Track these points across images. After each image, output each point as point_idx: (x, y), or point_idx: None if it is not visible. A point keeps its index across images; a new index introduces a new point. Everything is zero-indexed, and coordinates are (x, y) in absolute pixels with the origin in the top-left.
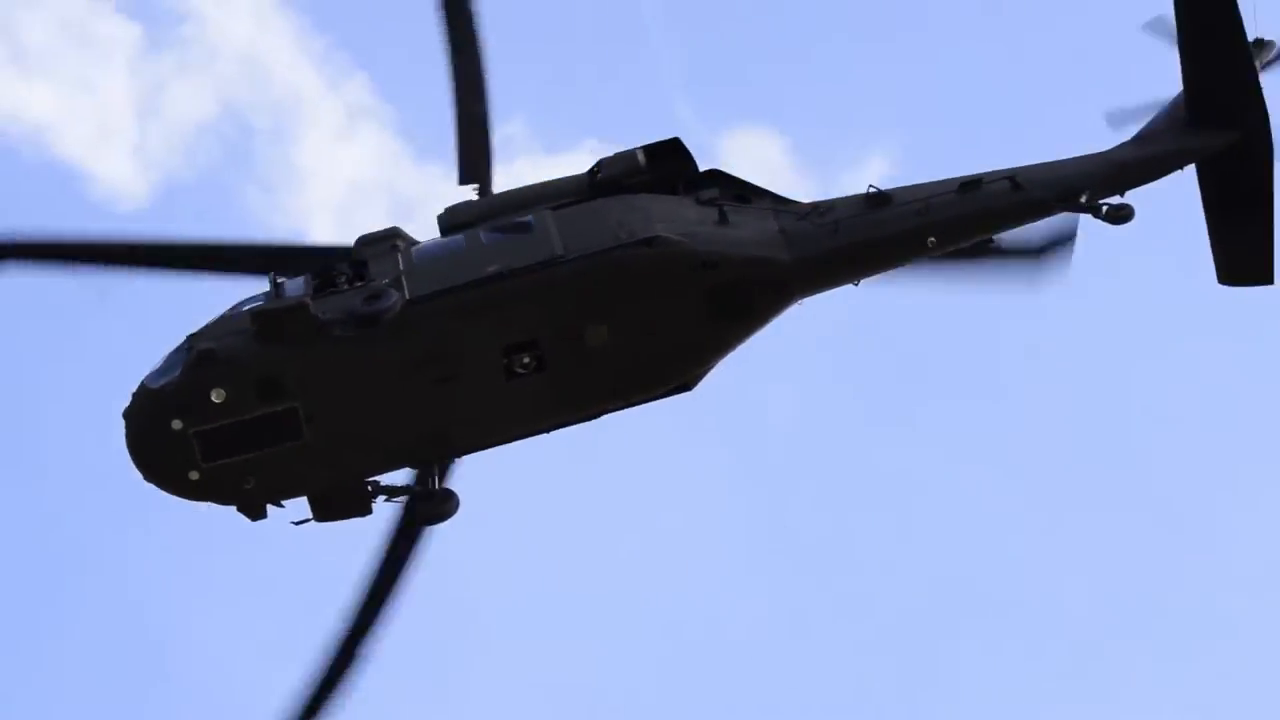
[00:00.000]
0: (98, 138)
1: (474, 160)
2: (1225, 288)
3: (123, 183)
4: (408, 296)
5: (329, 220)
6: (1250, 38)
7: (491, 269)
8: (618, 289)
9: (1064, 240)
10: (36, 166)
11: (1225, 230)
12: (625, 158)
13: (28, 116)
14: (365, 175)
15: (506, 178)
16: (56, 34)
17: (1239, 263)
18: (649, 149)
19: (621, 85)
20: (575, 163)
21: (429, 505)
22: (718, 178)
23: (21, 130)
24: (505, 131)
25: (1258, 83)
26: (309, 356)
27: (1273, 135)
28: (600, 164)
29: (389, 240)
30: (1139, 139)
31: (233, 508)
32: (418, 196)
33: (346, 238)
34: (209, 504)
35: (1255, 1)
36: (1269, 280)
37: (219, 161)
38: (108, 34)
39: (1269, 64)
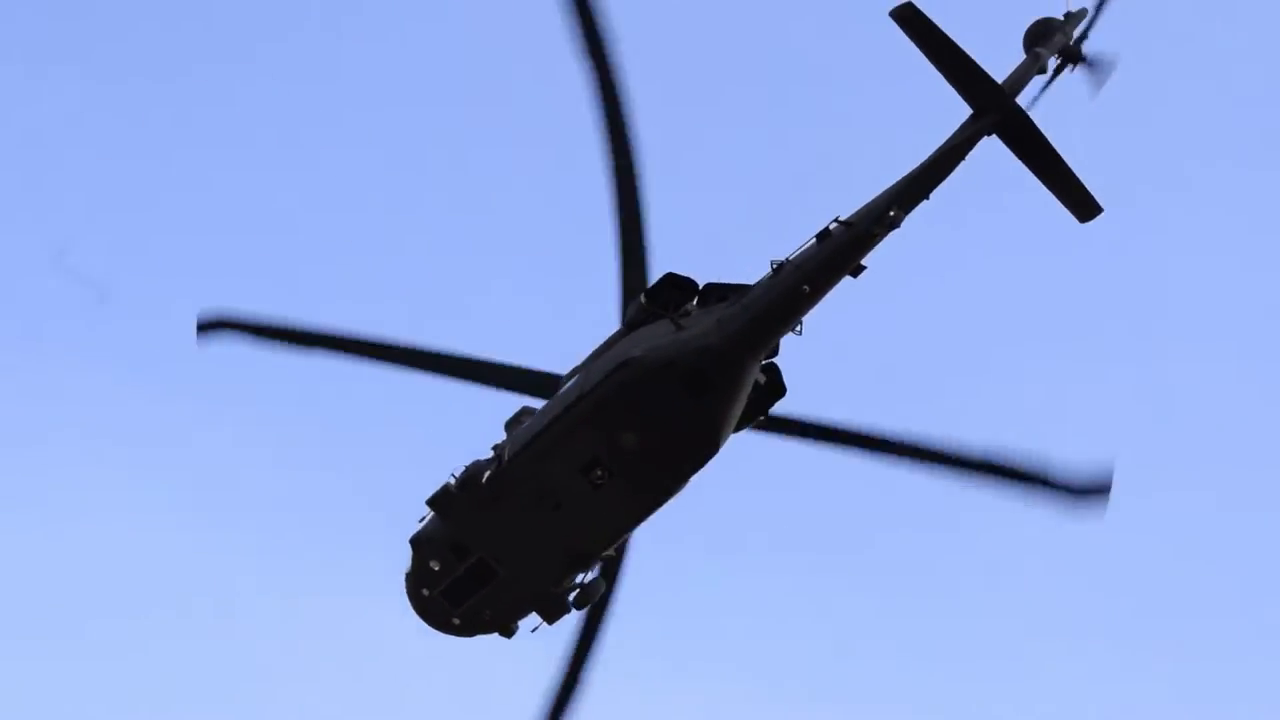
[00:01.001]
0: None
1: (632, 295)
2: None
3: None
4: (506, 458)
5: None
6: (1062, 13)
7: (546, 420)
8: (619, 405)
9: (1102, 489)
10: None
11: (1055, 186)
12: (635, 303)
13: None
14: None
15: None
16: None
17: (1078, 204)
18: (649, 291)
19: None
20: None
21: (583, 593)
22: (710, 289)
23: None
24: None
25: (981, 70)
26: (468, 520)
27: (1018, 105)
28: (625, 312)
29: (519, 418)
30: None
31: (493, 634)
32: None
33: None
34: (476, 636)
35: None
36: (1099, 209)
37: None
38: None
39: (1088, 28)
